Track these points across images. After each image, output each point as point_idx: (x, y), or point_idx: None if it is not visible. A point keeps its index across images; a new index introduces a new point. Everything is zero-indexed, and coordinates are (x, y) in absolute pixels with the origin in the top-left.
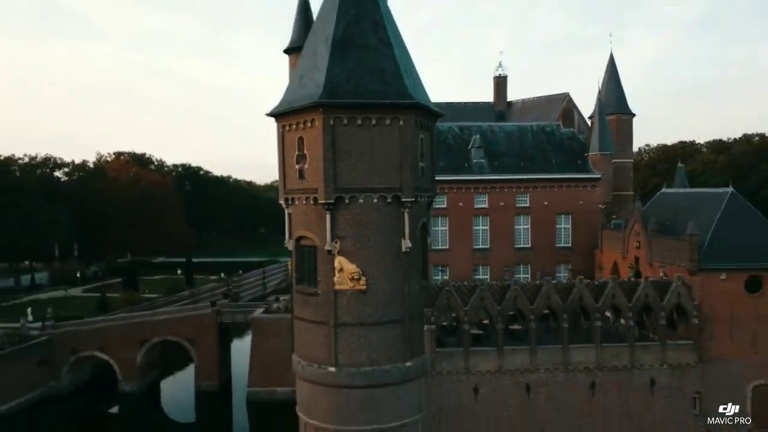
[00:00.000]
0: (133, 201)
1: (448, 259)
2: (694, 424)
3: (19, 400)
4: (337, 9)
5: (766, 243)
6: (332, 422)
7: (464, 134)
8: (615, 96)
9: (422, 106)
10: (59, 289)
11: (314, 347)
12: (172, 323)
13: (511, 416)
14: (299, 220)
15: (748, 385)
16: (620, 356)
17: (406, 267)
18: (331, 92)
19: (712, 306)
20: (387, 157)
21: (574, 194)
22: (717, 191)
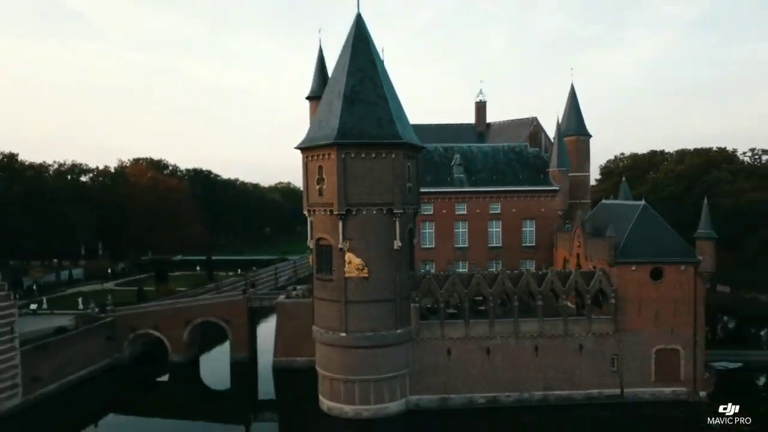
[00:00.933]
0: (152, 204)
1: (434, 255)
2: (611, 379)
3: (94, 367)
4: (346, 72)
5: (666, 243)
6: (344, 374)
7: (448, 153)
8: (575, 120)
9: (408, 144)
10: (95, 283)
11: (330, 319)
12: (212, 307)
13: (475, 372)
14: (319, 226)
15: (651, 349)
16: (556, 327)
17: (397, 260)
18: (343, 135)
19: (625, 290)
20: (383, 181)
21: (537, 203)
22: (635, 204)
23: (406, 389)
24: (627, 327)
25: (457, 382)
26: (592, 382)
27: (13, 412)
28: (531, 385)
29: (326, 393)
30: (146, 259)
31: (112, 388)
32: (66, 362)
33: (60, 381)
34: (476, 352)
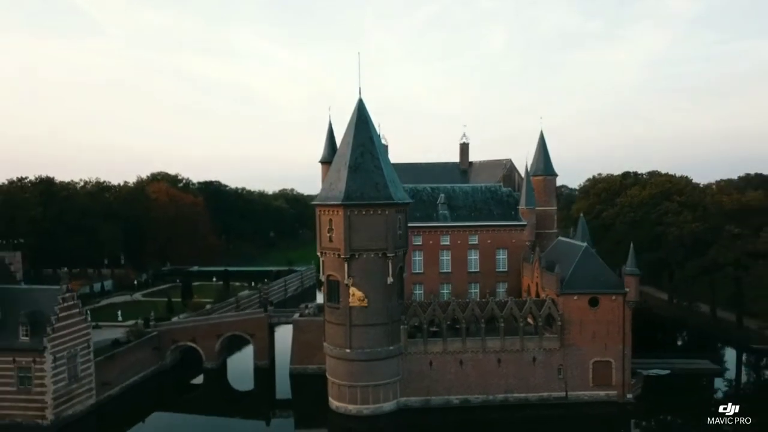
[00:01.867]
0: (171, 219)
1: (423, 279)
2: (558, 384)
3: (144, 373)
4: (350, 147)
5: (601, 278)
6: (348, 380)
7: (434, 192)
8: (543, 162)
9: (399, 203)
10: (124, 294)
11: (338, 338)
12: (238, 323)
13: (451, 378)
14: (329, 265)
15: (589, 361)
16: (515, 344)
17: (390, 292)
18: (348, 197)
19: (569, 315)
20: (379, 232)
21: (508, 235)
22: (579, 245)
23: (397, 392)
24: (570, 343)
25: (437, 387)
26: (543, 386)
27: (90, 410)
28: (495, 389)
29: (334, 395)
30: (166, 270)
31: (157, 390)
32: (125, 369)
33: (121, 385)
34: (452, 363)
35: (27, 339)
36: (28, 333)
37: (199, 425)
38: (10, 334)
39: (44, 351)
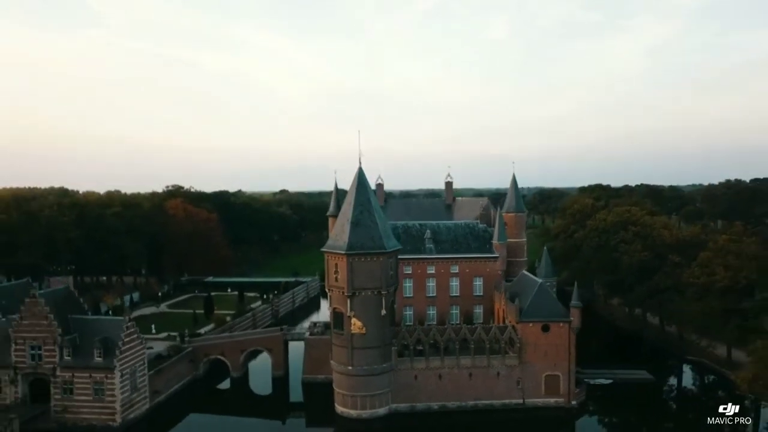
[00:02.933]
0: (188, 234)
1: (413, 302)
2: (517, 393)
3: (183, 382)
4: (352, 206)
5: (552, 309)
6: (350, 391)
7: (422, 229)
8: (514, 201)
9: (390, 251)
10: (150, 305)
11: (342, 357)
12: (259, 340)
13: (432, 388)
14: (335, 299)
15: (542, 375)
16: (483, 361)
17: (383, 321)
18: (350, 247)
19: (526, 338)
20: (375, 274)
21: (483, 265)
22: (535, 280)
23: (389, 400)
24: (527, 361)
25: (421, 395)
26: (505, 395)
27: (145, 414)
28: (467, 397)
29: (339, 402)
30: (185, 281)
31: (193, 395)
32: (169, 379)
33: (166, 392)
34: (432, 376)
35: (101, 359)
36: (101, 354)
37: (227, 424)
38: (86, 355)
39: (114, 369)
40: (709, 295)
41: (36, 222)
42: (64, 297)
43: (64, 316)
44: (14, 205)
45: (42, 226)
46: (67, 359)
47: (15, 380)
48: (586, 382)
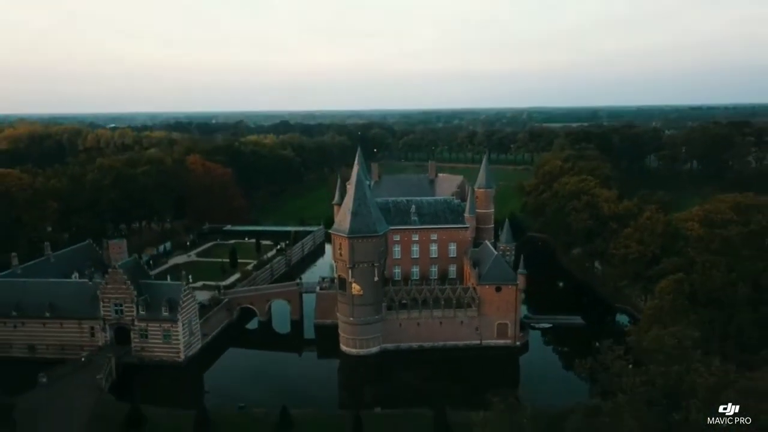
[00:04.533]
0: (207, 186)
1: (400, 262)
2: (476, 336)
3: (222, 326)
4: (353, 199)
5: (504, 274)
6: (351, 335)
7: (408, 204)
8: (485, 179)
9: (381, 234)
10: (180, 254)
11: (345, 311)
12: (280, 292)
13: (412, 333)
14: (339, 268)
15: (495, 323)
16: (450, 313)
17: (376, 285)
18: (351, 231)
19: (483, 297)
20: (370, 251)
21: (456, 233)
22: (494, 252)
23: (380, 341)
24: (483, 313)
25: (404, 338)
26: (467, 337)
27: (199, 351)
28: (438, 339)
29: (343, 342)
30: (206, 229)
31: (230, 335)
32: (213, 324)
33: (212, 334)
34: (413, 324)
35: (167, 314)
36: (167, 310)
37: (256, 355)
38: (156, 310)
39: (177, 321)
40: (625, 263)
41: (82, 187)
42: (134, 266)
43: (136, 281)
44: (62, 172)
45: (87, 190)
46: (142, 314)
47: (104, 328)
48: (531, 326)
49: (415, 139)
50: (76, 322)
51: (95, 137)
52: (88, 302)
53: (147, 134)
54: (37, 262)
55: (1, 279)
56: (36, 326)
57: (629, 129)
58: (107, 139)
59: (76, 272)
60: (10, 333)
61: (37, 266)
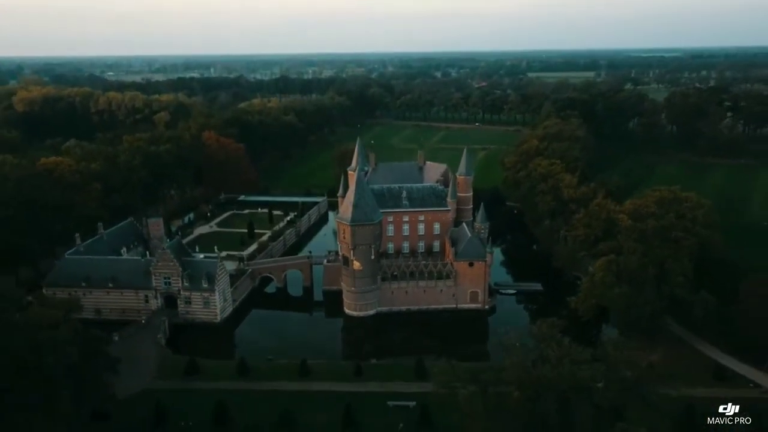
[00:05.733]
0: (222, 161)
1: (393, 239)
2: (453, 301)
3: (247, 292)
4: (354, 193)
5: (477, 251)
6: (353, 300)
7: (400, 190)
8: (465, 167)
9: (376, 222)
10: (203, 224)
11: (348, 282)
12: (294, 264)
13: (402, 298)
14: (343, 248)
15: (468, 291)
16: (432, 283)
17: (373, 262)
18: (352, 221)
19: (458, 270)
20: (368, 234)
21: (440, 215)
22: (468, 234)
23: (376, 305)
24: (459, 283)
25: (395, 302)
26: (445, 302)
27: (231, 313)
28: (423, 303)
29: (346, 305)
30: (222, 199)
31: (252, 299)
32: (241, 291)
33: (239, 299)
34: (402, 292)
35: (206, 285)
36: (206, 282)
37: (274, 315)
38: (197, 282)
39: (214, 290)
40: (575, 242)
41: (117, 167)
42: (178, 246)
43: (180, 258)
44: (97, 152)
45: (121, 170)
46: (186, 285)
47: (156, 296)
48: (498, 292)
49: (412, 99)
50: (134, 291)
51: (107, 100)
52: (142, 275)
53: (156, 98)
54: (94, 240)
55: (70, 256)
56: (101, 294)
57: (613, 95)
58: (118, 102)
59: (125, 247)
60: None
61: (94, 243)
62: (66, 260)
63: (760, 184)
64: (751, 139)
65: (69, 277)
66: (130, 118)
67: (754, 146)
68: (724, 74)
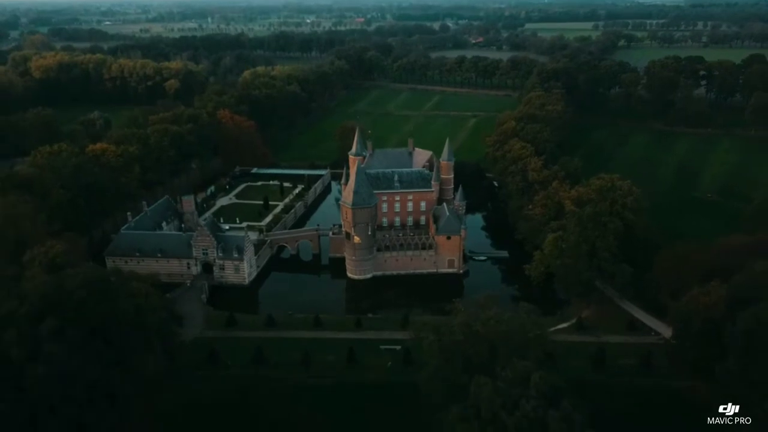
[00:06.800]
0: (236, 137)
1: (386, 215)
2: (434, 266)
3: (267, 258)
4: (354, 182)
5: (453, 228)
6: (353, 266)
7: (392, 174)
8: (447, 154)
9: (373, 205)
10: (223, 197)
11: (349, 251)
12: (304, 235)
13: (393, 264)
14: (346, 226)
15: (446, 258)
16: (418, 253)
17: (369, 236)
18: (353, 204)
19: (438, 243)
20: (365, 216)
21: (426, 195)
22: (447, 213)
23: (372, 270)
24: (439, 253)
25: (388, 268)
26: (428, 267)
27: (255, 277)
28: (410, 269)
29: (347, 270)
30: (237, 172)
31: (272, 264)
32: (262, 257)
33: (261, 265)
34: (393, 259)
35: (237, 255)
36: (236, 252)
37: (288, 277)
38: (229, 252)
39: (243, 259)
40: (531, 220)
41: (150, 149)
42: (212, 223)
43: (215, 233)
44: (132, 136)
45: (153, 151)
46: (220, 255)
47: (196, 264)
48: (471, 258)
49: (408, 63)
50: (178, 259)
51: (119, 67)
52: (184, 247)
53: (166, 65)
54: (141, 216)
55: (125, 231)
56: (152, 262)
57: (596, 65)
58: (130, 70)
59: (164, 221)
60: (134, 266)
61: (141, 219)
62: (122, 234)
63: (716, 156)
64: (720, 107)
65: (125, 249)
66: (142, 85)
67: (723, 115)
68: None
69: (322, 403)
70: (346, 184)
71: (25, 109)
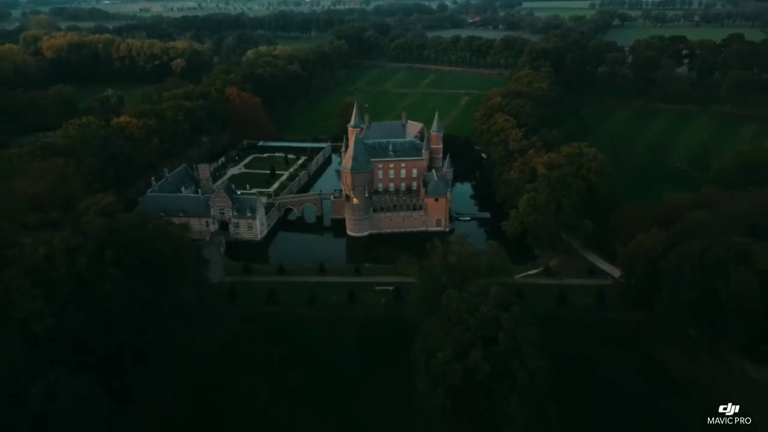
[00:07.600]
0: (243, 113)
1: (382, 180)
2: (423, 225)
3: (275, 219)
4: (353, 150)
5: (440, 191)
6: (353, 225)
7: (387, 144)
8: (437, 126)
9: (369, 170)
10: (233, 167)
11: (349, 212)
12: (308, 199)
13: (387, 223)
14: (345, 189)
15: (434, 218)
16: (410, 213)
17: (367, 198)
18: (352, 169)
19: (427, 204)
20: (362, 180)
21: (417, 162)
22: (436, 179)
23: (369, 228)
24: (428, 213)
25: (382, 225)
26: (418, 226)
27: (266, 235)
28: (403, 227)
29: (348, 228)
30: (245, 144)
31: (279, 225)
32: (272, 218)
33: (271, 224)
34: (388, 219)
35: (250, 214)
36: (250, 211)
37: (294, 236)
38: (243, 212)
39: (255, 217)
40: (510, 184)
41: (166, 122)
42: (227, 187)
43: (230, 195)
44: (150, 111)
45: (169, 124)
46: (235, 214)
47: (214, 222)
48: (457, 219)
49: (405, 42)
50: (198, 218)
51: (127, 47)
52: (203, 207)
53: (172, 45)
54: (163, 181)
55: (151, 194)
56: (174, 221)
57: (584, 45)
58: (138, 50)
59: (183, 186)
60: None
61: (164, 184)
62: (148, 197)
63: (691, 131)
64: (701, 85)
65: (152, 209)
66: (150, 64)
67: (703, 93)
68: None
69: (327, 334)
70: (345, 152)
71: (38, 88)
